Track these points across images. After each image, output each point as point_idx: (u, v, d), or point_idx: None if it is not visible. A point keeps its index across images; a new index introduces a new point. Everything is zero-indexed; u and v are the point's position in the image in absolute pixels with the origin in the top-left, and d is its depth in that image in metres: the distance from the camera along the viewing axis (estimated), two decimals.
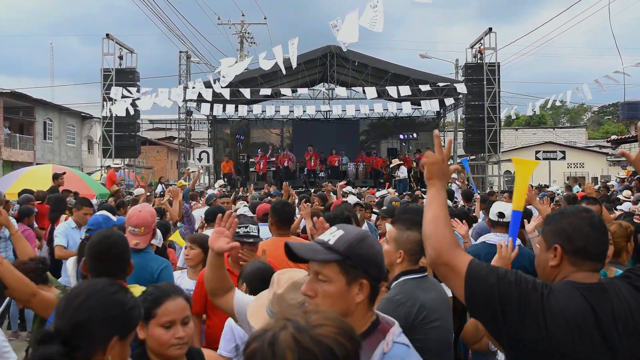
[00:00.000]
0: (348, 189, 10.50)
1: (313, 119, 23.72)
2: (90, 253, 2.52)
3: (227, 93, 15.11)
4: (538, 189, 13.06)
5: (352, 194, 8.55)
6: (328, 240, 1.56)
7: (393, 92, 17.12)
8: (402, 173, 17.40)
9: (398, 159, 18.38)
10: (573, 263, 1.69)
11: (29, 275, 2.62)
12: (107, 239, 2.52)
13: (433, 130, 1.95)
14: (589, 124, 53.42)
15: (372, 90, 18.03)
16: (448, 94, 19.28)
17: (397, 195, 9.38)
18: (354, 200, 6.35)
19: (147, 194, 7.87)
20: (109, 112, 16.71)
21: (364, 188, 15.64)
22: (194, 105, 21.34)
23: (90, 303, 1.59)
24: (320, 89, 22.32)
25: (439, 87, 19.01)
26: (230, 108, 19.32)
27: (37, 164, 21.88)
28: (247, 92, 17.11)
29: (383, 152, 23.48)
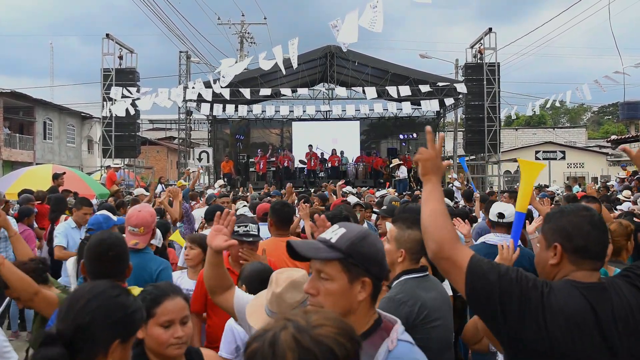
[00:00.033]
0: (348, 189, 10.48)
1: (313, 119, 23.72)
2: (88, 255, 2.51)
3: (227, 93, 15.11)
4: (538, 189, 13.04)
5: (352, 194, 8.55)
6: (330, 239, 1.56)
7: (393, 92, 17.12)
8: (402, 173, 17.41)
9: (398, 159, 18.38)
10: (573, 262, 1.69)
11: (29, 276, 2.62)
12: (104, 242, 2.50)
13: (425, 127, 1.96)
14: (589, 124, 53.42)
15: (372, 90, 18.03)
16: (448, 94, 19.29)
17: (396, 195, 9.37)
18: (354, 201, 6.35)
19: (154, 196, 7.75)
20: (109, 112, 16.70)
21: (364, 188, 15.63)
22: (194, 105, 21.33)
23: (93, 306, 1.58)
24: (320, 89, 22.32)
25: (439, 87, 19.01)
26: (230, 108, 19.32)
27: (37, 164, 21.87)
28: (247, 92, 17.11)
29: (383, 152, 23.48)
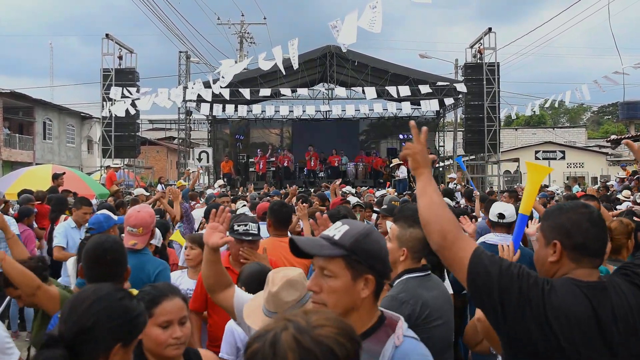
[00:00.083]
0: (347, 189, 10.48)
1: (313, 119, 23.71)
2: (86, 259, 2.49)
3: (226, 93, 15.10)
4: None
5: (351, 194, 8.54)
6: (333, 236, 1.55)
7: (393, 92, 17.12)
8: (401, 173, 17.38)
9: (398, 159, 18.36)
10: (573, 259, 1.68)
11: None
12: (102, 245, 2.48)
13: (409, 122, 1.96)
14: (589, 124, 53.46)
15: (371, 90, 18.02)
16: (448, 94, 19.28)
17: (396, 195, 9.37)
18: (354, 201, 6.35)
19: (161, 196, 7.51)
20: (109, 112, 16.68)
21: (364, 188, 15.63)
22: (194, 106, 21.31)
23: (96, 308, 1.57)
24: (320, 89, 22.29)
25: (439, 87, 19.00)
26: (230, 108, 19.30)
27: (36, 164, 21.87)
28: (246, 92, 17.09)
29: (383, 152, 23.47)
